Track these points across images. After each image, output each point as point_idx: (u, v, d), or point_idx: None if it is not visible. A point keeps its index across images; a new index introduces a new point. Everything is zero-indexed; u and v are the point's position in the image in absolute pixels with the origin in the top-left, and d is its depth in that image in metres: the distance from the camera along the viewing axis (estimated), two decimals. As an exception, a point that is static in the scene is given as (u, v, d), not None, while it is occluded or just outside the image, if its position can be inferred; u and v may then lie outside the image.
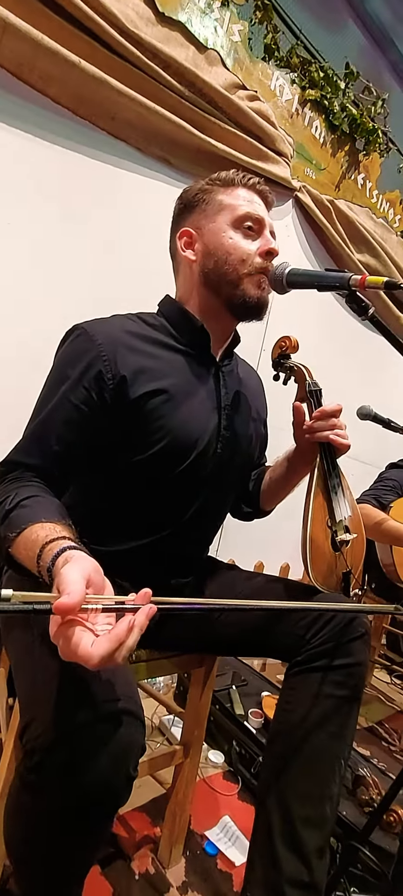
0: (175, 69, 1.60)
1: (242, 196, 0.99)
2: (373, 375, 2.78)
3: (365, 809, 1.35)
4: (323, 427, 0.97)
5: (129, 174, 1.67)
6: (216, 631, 1.05)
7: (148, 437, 0.91)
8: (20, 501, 0.76)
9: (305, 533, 0.95)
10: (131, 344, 0.92)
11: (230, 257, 0.96)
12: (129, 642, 0.55)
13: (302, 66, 2.07)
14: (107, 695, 0.64)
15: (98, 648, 0.52)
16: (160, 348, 0.97)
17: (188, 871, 1.18)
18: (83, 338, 0.89)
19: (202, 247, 1.00)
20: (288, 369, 1.08)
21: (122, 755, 0.62)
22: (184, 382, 0.96)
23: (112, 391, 0.87)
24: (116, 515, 0.97)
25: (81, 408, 0.86)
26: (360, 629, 0.91)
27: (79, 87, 1.46)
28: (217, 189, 1.00)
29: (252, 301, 0.97)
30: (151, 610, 0.57)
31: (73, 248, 1.57)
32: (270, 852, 0.84)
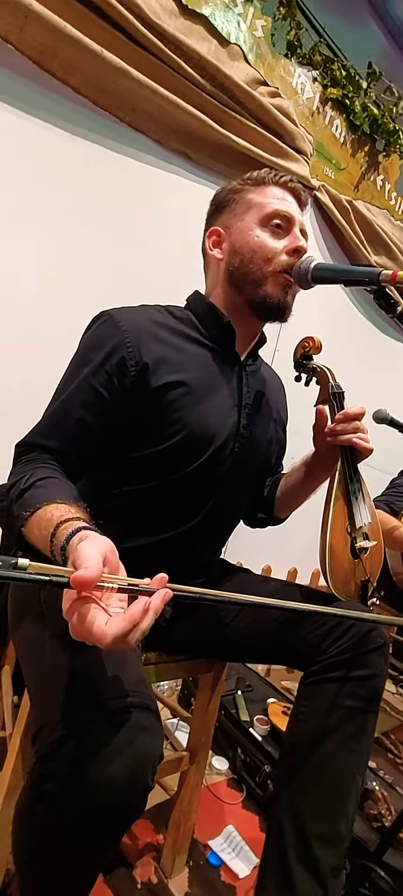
0: (197, 62, 1.58)
1: (272, 194, 0.98)
2: (385, 378, 2.75)
3: (374, 824, 1.32)
4: (345, 430, 0.95)
5: (148, 167, 1.65)
6: (227, 635, 1.02)
7: (165, 428, 0.89)
8: (36, 482, 0.75)
9: (324, 539, 0.93)
10: (156, 333, 0.92)
11: (255, 255, 0.95)
12: (144, 625, 0.53)
13: (325, 64, 2.04)
14: (125, 701, 0.62)
15: (112, 627, 0.51)
16: (185, 340, 0.96)
17: (191, 881, 1.15)
18: (109, 323, 0.89)
19: (229, 245, 0.99)
20: (311, 370, 1.06)
21: (141, 765, 0.59)
22: (206, 377, 0.95)
23: (134, 378, 0.87)
24: (128, 511, 0.95)
25: (102, 392, 0.86)
26: (379, 640, 0.88)
27: (101, 78, 1.44)
28: (248, 188, 1.00)
29: (272, 302, 0.96)
30: (167, 594, 0.56)
31: (90, 240, 1.55)
32: (283, 870, 0.81)
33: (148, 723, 0.62)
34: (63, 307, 1.49)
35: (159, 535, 0.95)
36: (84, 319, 0.94)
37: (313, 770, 0.84)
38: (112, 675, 0.64)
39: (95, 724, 0.59)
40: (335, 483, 0.96)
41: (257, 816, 1.42)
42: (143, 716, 0.62)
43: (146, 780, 0.60)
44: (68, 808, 0.58)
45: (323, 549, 0.93)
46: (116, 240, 1.60)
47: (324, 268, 0.89)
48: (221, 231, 1.01)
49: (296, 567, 2.37)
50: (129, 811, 0.60)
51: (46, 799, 0.60)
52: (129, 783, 0.58)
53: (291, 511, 1.17)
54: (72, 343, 0.93)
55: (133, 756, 0.59)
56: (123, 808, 0.59)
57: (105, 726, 0.59)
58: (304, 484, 1.08)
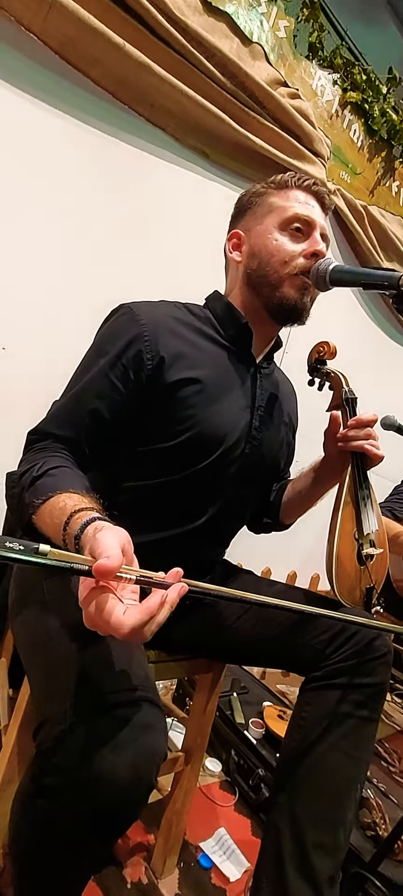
0: (218, 60, 1.57)
1: (294, 197, 0.97)
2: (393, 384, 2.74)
3: (368, 833, 1.32)
4: (357, 436, 0.95)
5: (165, 163, 1.65)
6: (229, 637, 1.03)
7: (176, 424, 0.89)
8: (48, 470, 0.75)
9: (332, 544, 0.93)
10: (174, 329, 0.92)
11: (273, 259, 0.95)
12: (160, 617, 0.54)
13: (345, 68, 2.03)
14: (132, 696, 0.62)
15: (130, 618, 0.51)
16: (202, 338, 0.96)
17: (181, 883, 1.15)
18: (127, 316, 0.89)
19: (248, 248, 1.00)
20: (325, 375, 1.06)
21: (146, 763, 0.59)
22: (221, 376, 0.95)
23: (150, 372, 0.87)
24: (136, 506, 0.95)
25: (117, 385, 0.86)
26: (383, 649, 0.88)
27: (122, 71, 1.44)
28: (270, 192, 1.00)
29: (289, 304, 0.96)
30: (183, 588, 0.56)
31: (103, 234, 1.55)
32: (280, 878, 0.81)
33: (154, 720, 0.62)
34: (75, 301, 1.49)
35: (166, 532, 0.96)
36: (94, 315, 0.94)
37: (313, 777, 0.84)
38: (119, 670, 0.64)
39: (101, 718, 0.59)
40: (344, 489, 0.96)
41: (249, 820, 1.41)
42: (151, 712, 0.62)
43: (150, 778, 0.60)
44: (70, 804, 0.58)
45: (330, 555, 0.93)
46: (130, 235, 1.60)
47: (343, 270, 0.89)
48: (242, 234, 1.02)
49: (296, 570, 2.36)
50: (132, 809, 0.60)
51: (47, 793, 0.59)
52: (134, 780, 0.58)
53: (297, 517, 1.17)
54: (83, 337, 0.93)
55: (138, 752, 0.58)
56: (126, 805, 0.59)
57: (110, 721, 0.59)
58: (312, 489, 1.08)
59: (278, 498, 1.17)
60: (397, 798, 1.60)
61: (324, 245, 0.96)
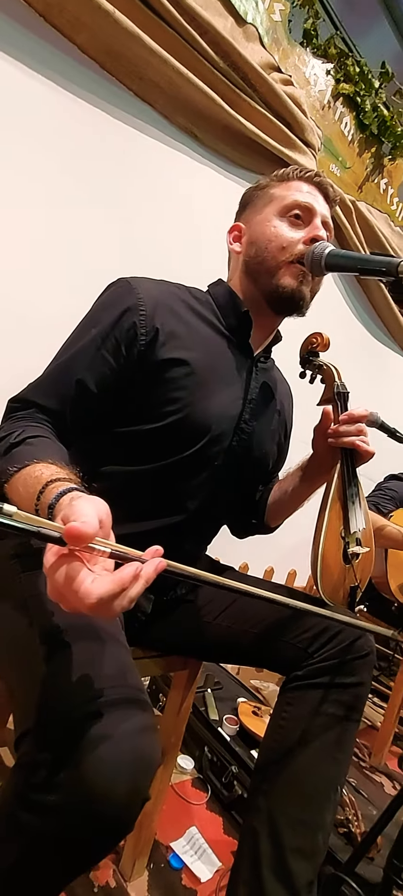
0: (211, 37, 1.52)
1: (295, 187, 0.95)
2: (375, 382, 2.75)
3: (340, 830, 1.32)
4: (349, 432, 0.93)
5: (152, 140, 1.59)
6: (209, 634, 1.00)
7: (162, 406, 0.86)
8: (27, 438, 0.71)
9: (318, 541, 0.91)
10: (172, 307, 0.89)
11: (270, 244, 0.93)
12: (132, 592, 0.50)
13: (339, 58, 2.00)
14: (122, 697, 0.57)
15: (98, 587, 0.47)
16: (200, 321, 0.94)
17: (150, 885, 1.12)
18: (124, 288, 0.86)
19: (247, 238, 0.99)
20: (317, 367, 1.03)
21: (143, 777, 0.55)
22: (215, 363, 0.92)
23: (142, 347, 0.84)
24: (117, 493, 0.90)
25: (108, 358, 0.82)
26: (366, 648, 0.87)
27: (110, 40, 1.37)
28: (273, 184, 0.99)
29: (286, 292, 0.92)
30: (161, 564, 0.52)
31: (85, 208, 1.47)
32: (257, 883, 0.78)
33: (148, 723, 0.58)
34: (51, 282, 1.42)
35: (148, 521, 0.92)
36: (73, 296, 0.89)
37: (293, 780, 0.82)
38: (109, 671, 0.59)
39: (93, 726, 0.53)
40: (332, 486, 0.94)
41: (221, 818, 1.39)
42: (145, 717, 0.58)
43: (147, 791, 0.56)
44: (63, 821, 0.52)
45: (316, 552, 0.91)
46: (112, 212, 1.53)
47: (340, 255, 0.86)
48: (242, 226, 1.01)
49: (273, 566, 2.36)
50: (128, 824, 0.55)
51: (37, 810, 0.53)
52: (132, 795, 0.53)
53: (283, 519, 1.14)
54: (64, 318, 0.89)
55: (136, 767, 0.54)
56: (124, 821, 0.54)
57: (104, 728, 0.54)
58: (299, 489, 1.05)
59: (264, 499, 1.14)
60: (368, 793, 1.61)
61: (325, 232, 0.93)
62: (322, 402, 1.01)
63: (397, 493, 2.06)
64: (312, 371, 1.05)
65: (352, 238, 2.28)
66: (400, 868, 0.87)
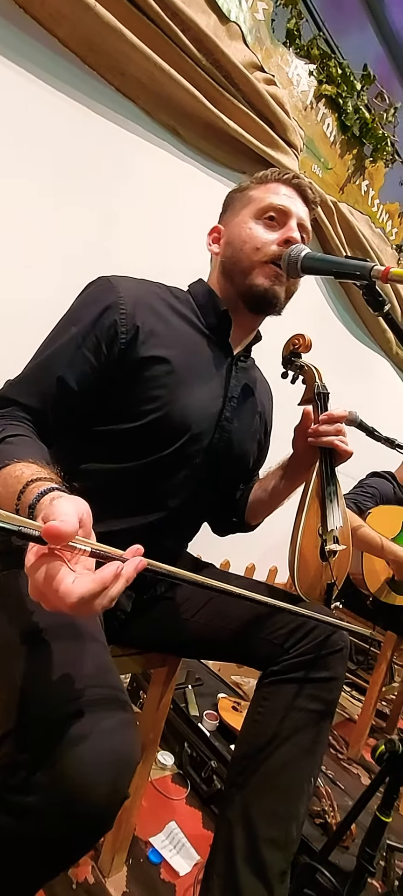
0: (194, 34, 1.51)
1: (272, 189, 0.97)
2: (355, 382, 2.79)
3: (316, 821, 1.35)
4: (328, 432, 0.95)
5: (135, 137, 1.58)
6: (187, 631, 1.01)
7: (142, 404, 0.86)
8: (7, 437, 0.71)
9: (295, 538, 0.92)
10: (153, 305, 0.90)
11: (245, 245, 0.95)
12: (113, 591, 0.50)
13: (322, 60, 2.02)
14: (101, 704, 0.58)
15: (79, 587, 0.47)
16: (180, 320, 0.94)
17: (129, 880, 1.12)
18: (104, 286, 0.87)
19: (225, 240, 1.01)
20: (299, 368, 1.05)
21: (123, 775, 0.55)
22: (195, 361, 0.93)
23: (123, 346, 0.84)
24: (97, 492, 0.90)
25: (88, 356, 0.82)
26: (340, 643, 0.88)
27: (91, 33, 1.36)
28: (252, 186, 1.00)
29: (259, 291, 0.94)
30: (141, 563, 0.52)
31: (64, 205, 1.46)
32: (230, 874, 0.80)
33: (127, 721, 0.58)
34: (30, 278, 1.40)
35: (129, 519, 0.92)
36: (54, 293, 0.89)
37: (268, 772, 0.83)
38: (89, 671, 0.60)
39: (72, 726, 0.54)
40: (311, 484, 0.96)
41: (201, 812, 1.40)
42: (125, 716, 0.58)
43: (125, 789, 0.56)
44: (43, 823, 0.53)
45: (293, 548, 0.92)
46: (94, 208, 1.52)
47: (315, 258, 0.87)
48: (221, 228, 1.03)
49: (254, 563, 2.38)
50: (108, 822, 0.56)
51: (16, 812, 0.54)
52: (111, 794, 0.54)
53: (263, 517, 1.15)
54: (43, 317, 0.88)
55: (116, 767, 0.54)
56: (104, 820, 0.55)
57: (83, 728, 0.54)
58: (279, 487, 1.07)
59: (244, 497, 1.15)
60: (344, 785, 1.65)
61: (300, 234, 0.94)
62: (302, 401, 1.02)
63: (378, 490, 2.09)
64: (294, 371, 1.06)
65: (333, 239, 2.31)
66: (372, 856, 0.89)
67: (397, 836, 1.56)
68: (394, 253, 2.78)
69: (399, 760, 0.90)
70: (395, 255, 2.79)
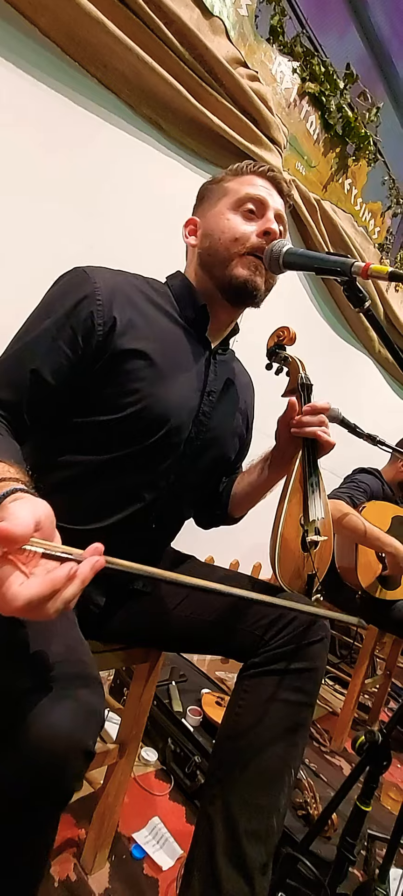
0: (177, 28, 1.51)
1: (249, 181, 0.97)
2: (338, 379, 2.81)
3: (299, 813, 1.36)
4: (311, 422, 0.95)
5: (117, 130, 1.57)
6: (167, 624, 1.00)
7: (120, 397, 0.85)
8: None
9: (277, 528, 0.92)
10: (130, 296, 0.89)
11: (223, 236, 0.94)
12: (67, 593, 0.49)
13: (305, 57, 2.03)
14: (61, 656, 0.58)
15: (26, 589, 0.46)
16: (158, 312, 0.93)
17: (112, 876, 1.11)
18: (80, 276, 0.85)
19: (202, 231, 1.00)
20: (283, 360, 1.06)
21: (81, 723, 0.55)
22: (173, 354, 0.92)
23: (100, 338, 0.82)
24: (74, 486, 0.90)
25: (64, 348, 0.80)
26: (320, 633, 0.88)
27: (73, 24, 1.34)
28: (227, 178, 1.00)
29: (239, 282, 0.93)
30: (98, 563, 0.51)
31: (45, 198, 1.44)
32: (211, 869, 0.79)
33: (87, 680, 0.58)
34: (11, 274, 1.38)
35: (107, 514, 0.91)
36: (34, 288, 0.87)
37: (248, 765, 0.82)
38: (50, 636, 0.59)
39: (28, 681, 0.54)
40: (293, 475, 0.96)
41: (184, 807, 1.40)
42: (83, 673, 0.58)
43: (87, 741, 0.55)
44: (4, 792, 0.52)
45: (274, 539, 0.92)
46: (75, 202, 1.50)
47: (297, 254, 0.88)
48: (197, 220, 1.02)
49: (238, 559, 2.39)
50: (70, 776, 0.55)
51: None
52: (72, 742, 0.53)
53: (246, 510, 1.15)
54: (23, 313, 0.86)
55: (76, 713, 0.54)
56: (62, 774, 0.53)
57: (40, 683, 0.54)
58: (262, 479, 1.07)
59: (227, 490, 1.15)
60: (327, 777, 1.66)
61: (278, 226, 0.94)
62: (286, 393, 1.03)
63: (369, 486, 2.12)
64: (278, 363, 1.07)
65: (317, 236, 2.32)
66: (353, 845, 0.90)
67: (378, 825, 1.58)
68: (377, 252, 2.81)
69: (378, 750, 0.91)
70: (378, 253, 2.82)
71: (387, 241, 2.88)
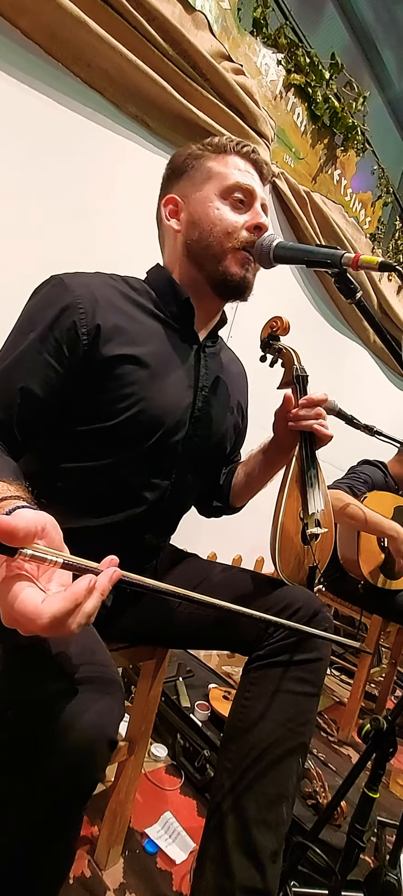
0: (160, 24, 1.50)
1: (233, 164, 0.93)
2: (333, 371, 2.81)
3: (308, 802, 1.36)
4: (308, 416, 0.94)
5: (102, 129, 1.56)
6: (172, 622, 1.00)
7: (115, 403, 0.84)
8: None
9: (276, 522, 0.92)
10: (112, 301, 0.86)
11: (215, 229, 0.91)
12: (88, 607, 0.48)
13: (289, 48, 2.02)
14: (81, 656, 0.58)
15: (50, 606, 0.45)
16: (142, 312, 0.91)
17: (126, 871, 1.12)
18: (58, 287, 0.82)
19: (187, 216, 0.94)
20: (277, 351, 1.04)
21: (104, 715, 0.56)
22: (162, 354, 0.90)
23: (86, 346, 0.81)
24: (76, 489, 0.89)
25: (50, 361, 0.79)
26: (324, 623, 0.89)
27: (55, 24, 1.34)
28: (207, 155, 0.95)
29: (233, 280, 0.92)
30: (115, 574, 0.51)
31: (32, 201, 1.43)
32: (223, 859, 0.80)
33: (107, 678, 0.59)
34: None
35: (108, 515, 0.91)
36: (20, 292, 0.86)
37: (256, 756, 0.83)
38: (75, 652, 0.59)
39: (52, 686, 0.54)
40: (291, 468, 0.95)
41: (195, 801, 1.41)
42: (102, 673, 0.59)
43: (110, 729, 0.56)
44: (23, 779, 0.53)
45: (274, 533, 0.92)
46: (61, 204, 1.49)
47: (287, 247, 0.87)
48: (179, 200, 0.96)
49: (241, 555, 2.39)
50: (93, 768, 0.56)
51: None
52: (96, 729, 0.54)
53: (247, 499, 1.15)
54: (8, 317, 0.85)
55: (97, 700, 0.55)
56: (93, 758, 0.55)
57: (62, 687, 0.55)
58: (261, 471, 1.07)
59: (228, 481, 1.15)
60: (335, 766, 1.67)
61: (266, 218, 0.94)
62: (282, 385, 1.02)
63: (370, 477, 2.12)
64: (272, 355, 1.05)
65: (308, 229, 2.32)
66: (362, 831, 0.90)
67: (388, 812, 1.59)
68: (369, 242, 2.80)
69: (384, 737, 0.91)
70: (369, 243, 2.81)
71: (379, 231, 2.88)
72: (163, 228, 1.01)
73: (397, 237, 3.11)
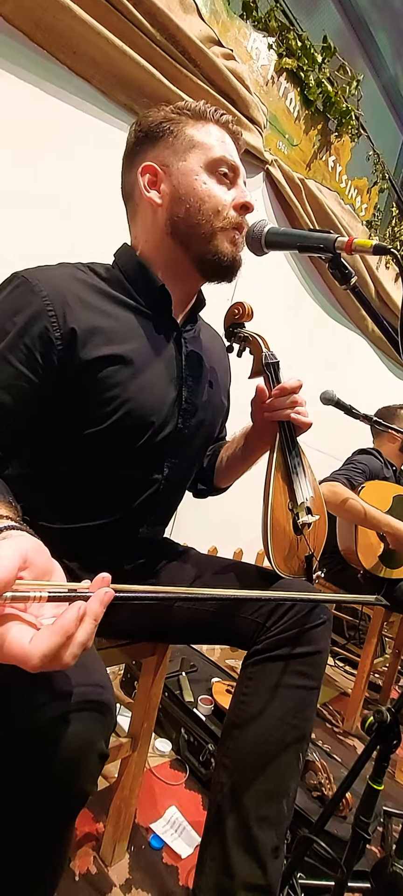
0: (147, 8, 1.47)
1: (215, 135, 0.89)
2: (331, 361, 2.79)
3: (313, 794, 1.35)
4: (283, 405, 0.91)
5: (90, 118, 1.52)
6: (171, 618, 0.98)
7: (101, 408, 0.80)
8: None
9: (266, 517, 0.89)
10: (82, 297, 0.80)
11: (204, 206, 0.86)
12: (80, 636, 0.44)
13: (280, 32, 1.98)
14: (76, 677, 0.55)
15: (38, 646, 0.42)
16: (115, 305, 0.86)
17: (132, 867, 1.12)
18: (23, 288, 0.76)
19: (170, 189, 0.87)
20: (243, 339, 0.99)
21: (92, 726, 0.53)
22: (142, 348, 0.86)
23: (60, 352, 0.76)
24: (65, 492, 0.87)
25: (23, 371, 0.73)
26: (322, 616, 0.86)
27: (38, 10, 1.30)
28: (185, 120, 0.88)
29: (226, 260, 0.88)
30: (107, 596, 0.47)
31: (19, 191, 1.40)
32: (223, 857, 0.78)
33: (98, 687, 0.56)
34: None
35: (102, 513, 0.89)
36: None
37: (255, 751, 0.81)
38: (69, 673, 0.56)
39: (44, 702, 0.51)
40: (273, 459, 0.92)
41: (200, 795, 1.41)
42: (94, 681, 0.56)
43: (99, 741, 0.53)
44: (20, 787, 0.50)
45: (265, 528, 0.89)
46: (48, 192, 1.46)
47: (279, 233, 0.84)
48: (158, 169, 0.87)
49: (242, 548, 2.37)
50: (85, 775, 0.53)
51: None
52: (83, 740, 0.51)
53: (232, 482, 1.13)
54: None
55: (84, 709, 0.52)
56: (78, 770, 0.52)
57: (54, 699, 0.51)
58: (243, 458, 1.05)
59: (211, 464, 1.13)
60: (340, 757, 1.66)
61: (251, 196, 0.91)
62: (252, 375, 0.97)
63: (367, 466, 2.09)
64: (238, 343, 1.00)
65: (303, 217, 2.29)
66: (367, 823, 0.88)
67: (394, 802, 1.58)
68: (365, 229, 2.77)
69: (387, 729, 0.89)
70: (366, 230, 2.78)
71: (375, 218, 2.85)
72: (135, 201, 0.92)
73: (394, 224, 3.08)
